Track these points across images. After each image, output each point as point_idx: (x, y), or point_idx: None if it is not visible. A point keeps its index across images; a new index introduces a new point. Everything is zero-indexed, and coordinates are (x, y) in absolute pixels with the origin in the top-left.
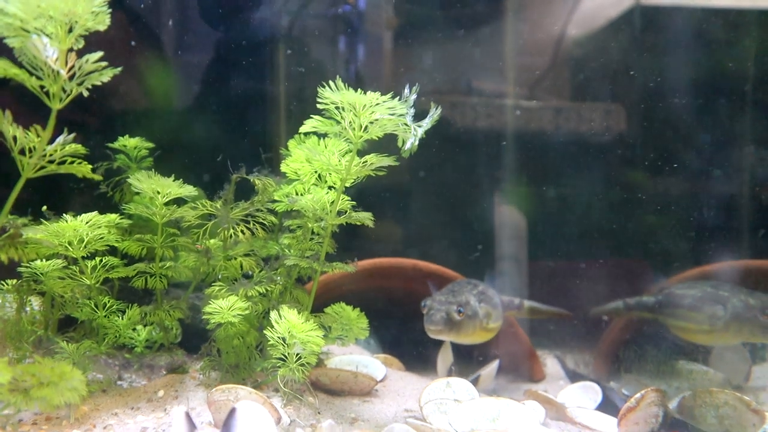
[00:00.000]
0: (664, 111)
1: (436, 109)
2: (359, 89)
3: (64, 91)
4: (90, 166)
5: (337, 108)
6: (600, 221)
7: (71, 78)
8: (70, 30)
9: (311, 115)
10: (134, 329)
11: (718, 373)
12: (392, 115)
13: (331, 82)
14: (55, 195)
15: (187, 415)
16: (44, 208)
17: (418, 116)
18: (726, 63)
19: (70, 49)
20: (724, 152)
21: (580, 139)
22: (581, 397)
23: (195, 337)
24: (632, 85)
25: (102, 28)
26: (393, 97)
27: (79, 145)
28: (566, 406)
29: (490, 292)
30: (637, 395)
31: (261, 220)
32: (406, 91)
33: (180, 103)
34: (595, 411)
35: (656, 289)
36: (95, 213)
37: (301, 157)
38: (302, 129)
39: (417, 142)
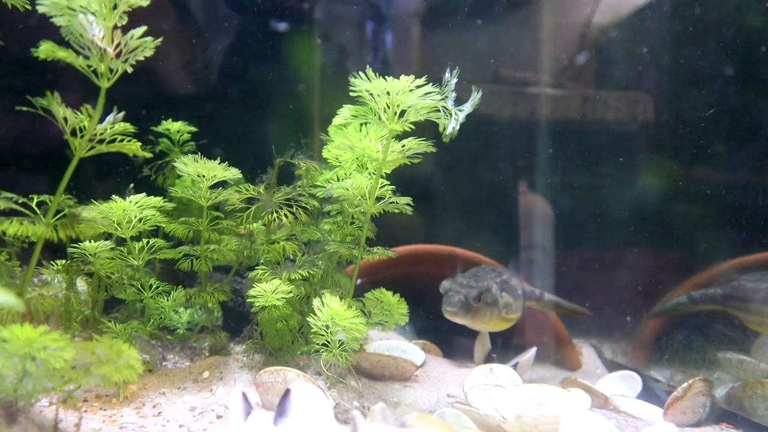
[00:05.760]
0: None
1: (477, 92)
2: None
3: (111, 70)
4: (139, 144)
5: (371, 95)
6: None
7: (118, 56)
8: (115, 7)
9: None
10: (176, 311)
11: (762, 363)
12: (426, 96)
13: (361, 73)
14: (91, 180)
15: (244, 396)
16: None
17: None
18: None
19: (115, 26)
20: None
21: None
22: (620, 386)
23: (234, 320)
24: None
25: (144, 3)
26: (428, 82)
27: (128, 124)
28: (608, 394)
29: (513, 282)
30: (684, 385)
31: (303, 204)
32: (447, 74)
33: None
34: (637, 400)
35: (721, 279)
36: (143, 195)
37: (341, 143)
38: (335, 121)
39: (458, 127)
